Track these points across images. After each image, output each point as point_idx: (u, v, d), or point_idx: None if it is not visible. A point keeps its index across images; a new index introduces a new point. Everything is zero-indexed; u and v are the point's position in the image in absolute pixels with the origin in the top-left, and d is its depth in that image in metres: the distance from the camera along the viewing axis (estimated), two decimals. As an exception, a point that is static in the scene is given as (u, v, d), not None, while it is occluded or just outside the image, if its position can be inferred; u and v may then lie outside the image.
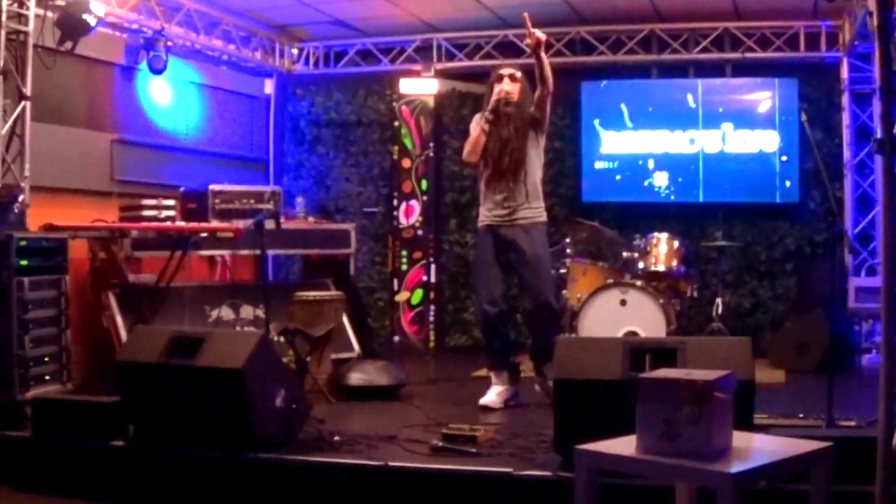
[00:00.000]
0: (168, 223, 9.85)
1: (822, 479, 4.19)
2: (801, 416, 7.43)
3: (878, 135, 5.15)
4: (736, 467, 3.79)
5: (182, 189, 10.80)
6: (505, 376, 8.64)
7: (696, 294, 11.25)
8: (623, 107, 12.97)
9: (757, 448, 4.22)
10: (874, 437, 4.95)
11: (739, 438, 4.19)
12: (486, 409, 8.40)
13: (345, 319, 10.34)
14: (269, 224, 8.86)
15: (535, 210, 8.66)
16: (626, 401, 4.19)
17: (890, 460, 4.88)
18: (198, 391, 6.58)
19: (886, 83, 5.17)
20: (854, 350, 11.30)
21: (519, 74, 8.77)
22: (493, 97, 8.60)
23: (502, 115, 8.58)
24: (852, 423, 6.98)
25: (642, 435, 4.06)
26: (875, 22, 5.14)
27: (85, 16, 9.29)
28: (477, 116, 8.77)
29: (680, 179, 12.74)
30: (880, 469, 4.84)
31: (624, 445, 4.15)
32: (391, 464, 6.19)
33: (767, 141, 12.46)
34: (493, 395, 8.51)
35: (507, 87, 8.62)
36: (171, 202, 10.19)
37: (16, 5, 8.85)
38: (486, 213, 8.73)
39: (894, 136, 5.12)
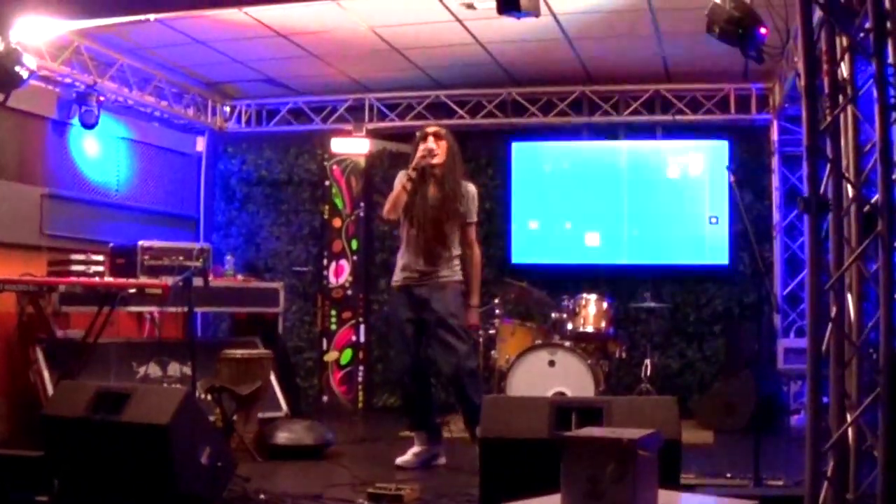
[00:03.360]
0: (96, 278, 9.77)
1: (746, 538, 4.19)
2: (728, 475, 7.46)
3: (805, 195, 5.21)
4: (660, 526, 3.78)
5: (111, 244, 10.73)
6: (424, 436, 8.58)
7: (624, 355, 11.26)
8: (552, 169, 13.01)
9: (682, 507, 4.22)
10: (801, 496, 4.98)
11: (665, 497, 4.18)
12: (401, 468, 8.33)
13: (273, 378, 10.28)
14: (198, 281, 8.81)
15: (452, 269, 8.61)
16: (552, 460, 4.17)
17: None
18: (123, 447, 6.50)
19: (813, 143, 5.23)
20: (783, 410, 11.36)
21: (444, 132, 8.72)
22: (417, 155, 8.52)
23: (428, 174, 8.55)
24: (780, 483, 7.01)
25: (567, 494, 4.04)
26: (803, 83, 5.22)
27: (17, 68, 9.20)
28: (401, 174, 8.64)
29: (609, 241, 12.79)
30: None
31: (548, 504, 4.13)
32: (316, 523, 6.14)
33: (698, 202, 12.53)
34: (409, 455, 8.47)
35: (431, 144, 8.53)
36: (99, 257, 10.14)
37: (-55, 58, 8.79)
38: (401, 273, 8.64)
39: (821, 196, 5.19)
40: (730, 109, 12.57)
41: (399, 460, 8.42)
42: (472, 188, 8.86)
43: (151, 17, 9.34)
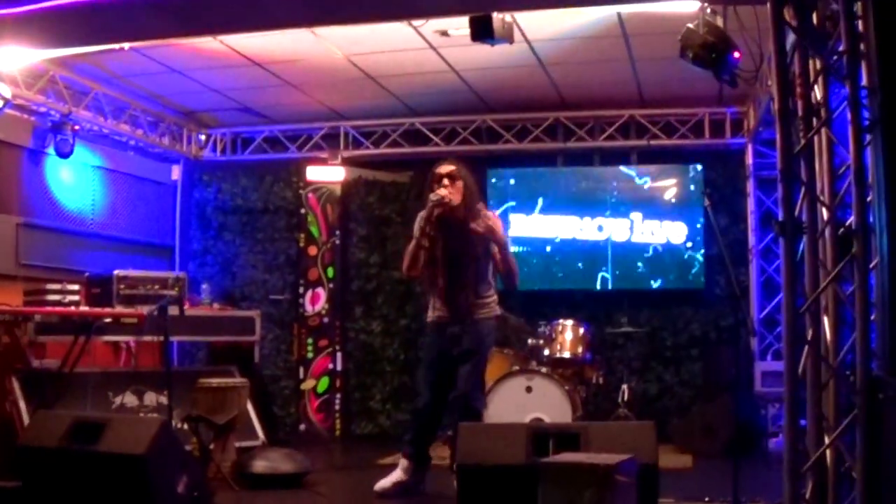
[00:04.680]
0: (72, 308, 9.74)
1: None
2: (707, 499, 7.45)
3: (781, 218, 5.23)
4: (639, 550, 3.77)
5: (87, 274, 10.71)
6: (411, 467, 8.32)
7: (602, 380, 11.23)
8: (529, 195, 13.01)
9: (660, 531, 4.21)
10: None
11: (643, 521, 4.17)
12: (380, 496, 8.18)
13: (249, 407, 10.24)
14: (173, 310, 8.78)
15: (484, 308, 8.28)
16: (529, 486, 4.15)
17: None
18: (100, 477, 6.47)
19: (787, 166, 5.24)
20: (761, 434, 11.35)
21: (457, 170, 8.27)
22: (428, 206, 8.12)
23: (447, 219, 8.14)
24: (758, 505, 7.02)
25: (545, 519, 4.03)
26: (776, 106, 5.23)
27: (-8, 97, 9.22)
28: (419, 218, 8.26)
29: (585, 266, 12.78)
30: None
31: (527, 529, 4.11)
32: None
33: (674, 227, 12.54)
34: (389, 483, 8.25)
35: (443, 191, 8.11)
36: (75, 287, 10.10)
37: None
38: (434, 312, 8.36)
39: (796, 220, 5.19)
40: (704, 134, 12.59)
41: (377, 487, 8.30)
42: (492, 217, 8.37)
43: (126, 45, 9.33)
